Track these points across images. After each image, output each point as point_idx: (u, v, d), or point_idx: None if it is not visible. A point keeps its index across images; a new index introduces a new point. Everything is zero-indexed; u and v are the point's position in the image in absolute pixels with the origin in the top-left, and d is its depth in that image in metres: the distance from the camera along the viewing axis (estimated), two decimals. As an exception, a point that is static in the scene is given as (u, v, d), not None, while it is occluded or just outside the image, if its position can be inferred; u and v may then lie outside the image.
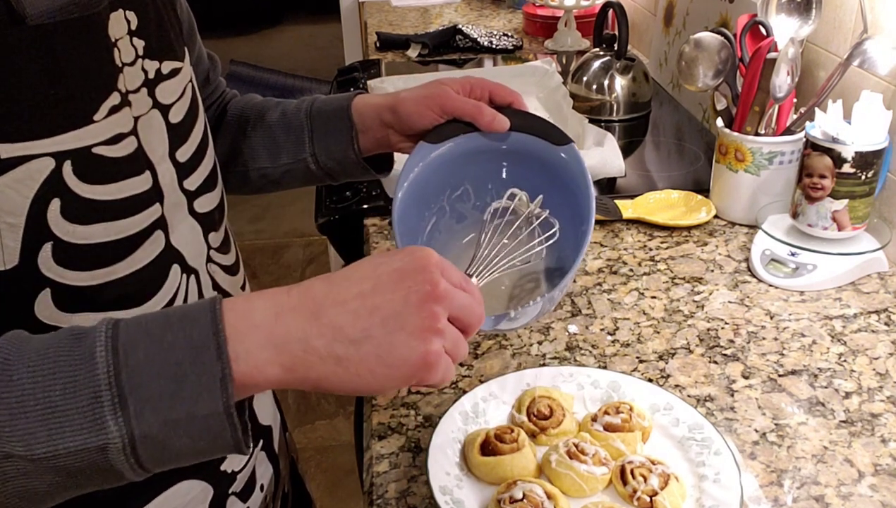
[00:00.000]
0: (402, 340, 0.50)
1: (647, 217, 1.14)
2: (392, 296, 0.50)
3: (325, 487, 2.14)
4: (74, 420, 0.44)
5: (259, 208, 3.50)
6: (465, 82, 0.80)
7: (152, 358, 0.46)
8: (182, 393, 0.45)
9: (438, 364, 0.52)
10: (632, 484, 0.67)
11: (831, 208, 0.98)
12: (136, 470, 0.47)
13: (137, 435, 0.45)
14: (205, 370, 0.46)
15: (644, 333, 0.91)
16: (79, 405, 0.44)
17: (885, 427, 0.77)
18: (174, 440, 0.46)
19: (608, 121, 1.54)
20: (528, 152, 0.79)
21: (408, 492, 0.71)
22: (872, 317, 0.93)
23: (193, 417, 0.46)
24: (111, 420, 0.44)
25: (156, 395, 0.45)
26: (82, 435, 0.44)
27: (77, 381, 0.45)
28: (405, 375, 0.51)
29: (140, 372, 0.45)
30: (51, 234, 0.52)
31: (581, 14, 2.02)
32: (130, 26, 0.59)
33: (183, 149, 0.64)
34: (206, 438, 0.47)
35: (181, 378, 0.46)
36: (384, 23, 2.30)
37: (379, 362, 0.50)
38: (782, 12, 1.09)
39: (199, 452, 0.48)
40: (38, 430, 0.44)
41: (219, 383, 0.46)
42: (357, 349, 0.49)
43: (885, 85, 1.01)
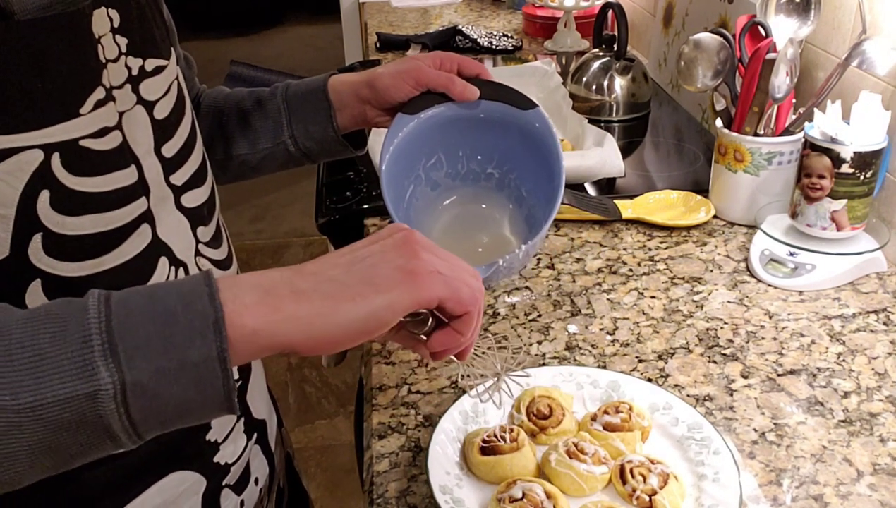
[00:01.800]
0: (383, 264, 0.51)
1: (646, 217, 1.14)
2: (369, 247, 0.53)
3: (325, 486, 2.15)
4: (63, 366, 0.43)
5: (259, 208, 3.50)
6: (435, 56, 0.85)
7: (144, 307, 0.46)
8: (174, 339, 0.45)
9: (430, 273, 0.52)
10: (631, 484, 0.67)
11: (830, 208, 0.98)
12: (124, 425, 0.45)
13: (128, 382, 0.44)
14: (197, 314, 0.46)
15: (643, 333, 0.91)
16: (68, 350, 0.43)
17: (883, 426, 0.77)
18: (165, 389, 0.45)
19: (608, 121, 1.54)
20: (497, 118, 0.84)
21: (408, 492, 0.71)
22: (871, 317, 0.93)
23: (185, 364, 0.45)
24: (102, 365, 0.44)
25: (147, 341, 0.45)
26: (72, 382, 0.43)
27: (67, 328, 0.44)
28: (394, 287, 0.51)
29: (132, 319, 0.45)
30: (41, 225, 0.53)
31: (580, 15, 2.02)
32: (113, 24, 0.60)
33: (169, 144, 0.65)
34: (197, 387, 0.46)
35: (173, 323, 0.45)
36: (384, 23, 2.30)
37: (364, 284, 0.50)
38: (781, 13, 1.09)
39: (187, 406, 0.47)
40: (25, 378, 0.43)
41: (212, 326, 0.46)
42: (341, 282, 0.50)
43: (883, 85, 1.01)
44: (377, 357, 0.89)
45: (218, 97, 0.90)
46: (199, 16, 5.65)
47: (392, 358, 0.88)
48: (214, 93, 0.91)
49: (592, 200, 1.19)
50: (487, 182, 0.88)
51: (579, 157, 1.22)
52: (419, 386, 0.84)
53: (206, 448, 0.69)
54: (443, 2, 2.52)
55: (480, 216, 0.89)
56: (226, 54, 4.00)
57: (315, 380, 2.52)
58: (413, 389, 0.83)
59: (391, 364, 0.87)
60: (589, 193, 1.24)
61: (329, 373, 2.52)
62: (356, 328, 0.50)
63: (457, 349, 0.58)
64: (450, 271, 0.54)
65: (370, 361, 0.88)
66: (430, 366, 0.86)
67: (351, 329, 0.50)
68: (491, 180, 0.88)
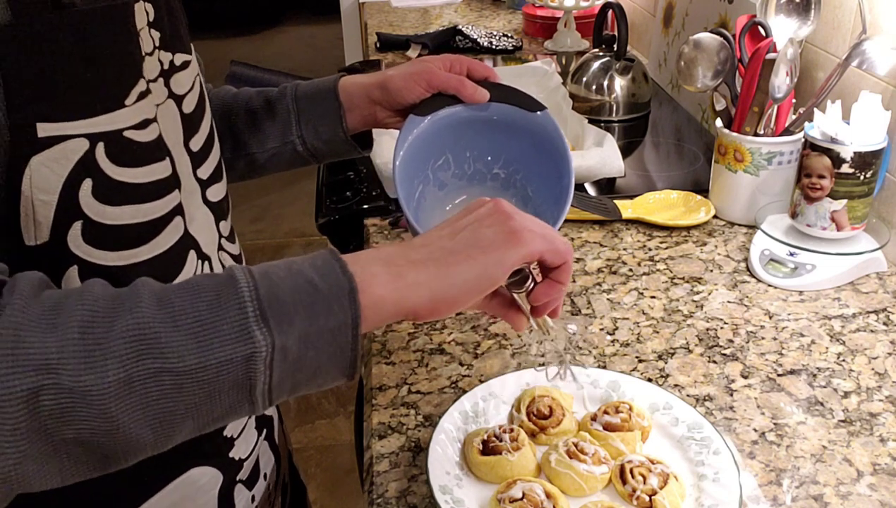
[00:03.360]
0: (486, 229, 0.57)
1: (646, 217, 1.14)
2: (466, 218, 0.58)
3: (325, 486, 2.15)
4: (223, 330, 0.47)
5: (259, 208, 3.50)
6: (445, 59, 0.86)
7: (285, 278, 0.50)
8: (316, 307, 0.49)
9: (530, 233, 0.57)
10: (631, 484, 0.67)
11: (830, 208, 0.98)
12: (264, 388, 0.49)
13: (278, 346, 0.48)
14: (334, 285, 0.50)
15: (643, 333, 0.91)
16: (226, 317, 0.47)
17: (883, 426, 0.77)
18: (304, 353, 0.49)
19: (608, 121, 1.54)
20: (507, 120, 0.85)
21: (408, 491, 0.71)
22: (871, 317, 0.93)
23: (324, 330, 0.49)
24: (257, 330, 0.47)
25: (294, 308, 0.48)
26: (231, 345, 0.47)
27: (221, 297, 0.48)
28: (500, 247, 0.56)
29: (278, 289, 0.49)
30: (81, 213, 0.54)
31: (580, 15, 2.02)
32: (149, 18, 0.61)
33: (195, 138, 0.67)
34: (331, 352, 0.50)
35: (314, 292, 0.49)
36: (384, 23, 2.30)
37: (472, 248, 0.55)
38: (781, 13, 1.09)
39: (319, 370, 0.50)
40: (189, 342, 0.46)
41: (348, 295, 0.50)
42: (450, 249, 0.56)
43: (883, 85, 1.01)
44: (377, 357, 0.89)
45: (225, 96, 0.91)
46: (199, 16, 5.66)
47: (392, 358, 0.88)
48: (221, 92, 0.92)
49: (592, 200, 1.19)
50: (493, 182, 0.89)
51: (579, 157, 1.22)
52: (419, 386, 0.84)
53: (223, 444, 0.70)
54: (443, 2, 2.52)
55: None
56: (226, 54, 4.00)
57: (315, 380, 2.52)
58: (413, 389, 0.83)
59: (391, 364, 0.87)
60: (589, 193, 1.24)
61: (329, 373, 2.52)
62: (470, 286, 0.55)
63: (559, 299, 0.63)
64: (541, 229, 0.59)
65: (370, 361, 0.89)
66: (431, 366, 0.86)
67: (466, 288, 0.55)
68: (497, 180, 0.89)
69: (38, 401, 0.43)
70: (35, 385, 0.43)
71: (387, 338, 0.92)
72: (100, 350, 0.44)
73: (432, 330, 0.93)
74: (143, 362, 0.45)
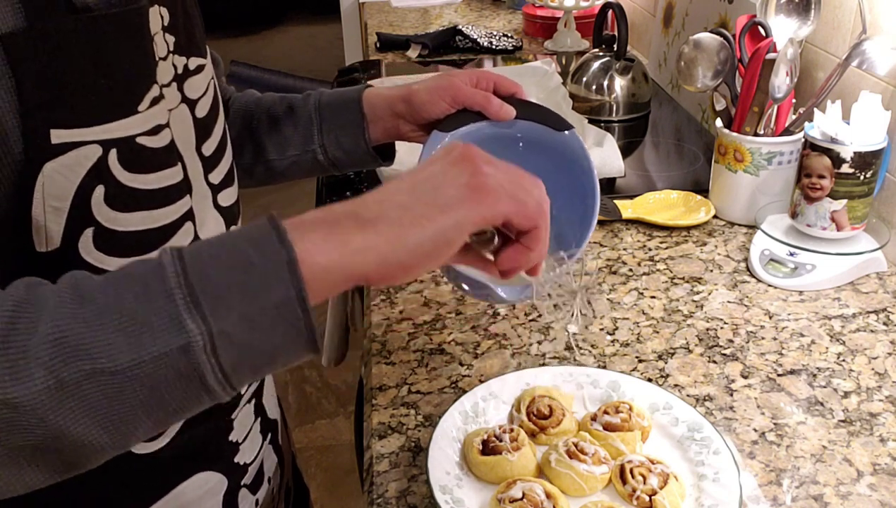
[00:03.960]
0: (447, 184, 0.51)
1: (646, 217, 1.14)
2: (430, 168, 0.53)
3: (325, 486, 2.15)
4: (153, 323, 0.44)
5: (259, 208, 3.50)
6: (472, 74, 0.84)
7: (217, 255, 0.46)
8: (252, 283, 0.45)
9: (495, 188, 0.52)
10: (631, 484, 0.67)
11: (830, 208, 0.98)
12: (217, 376, 0.46)
13: (215, 332, 0.44)
14: (270, 257, 0.46)
15: (643, 333, 0.91)
16: (154, 307, 0.44)
17: (883, 426, 0.77)
18: (250, 335, 0.46)
19: (608, 121, 1.54)
20: (532, 138, 0.83)
21: (408, 491, 0.71)
22: (871, 317, 0.93)
23: (266, 308, 0.46)
24: (188, 318, 0.44)
25: (227, 289, 0.45)
26: (163, 338, 0.44)
27: (149, 287, 0.45)
28: (460, 204, 0.51)
29: (207, 270, 0.46)
30: (93, 220, 0.54)
31: (580, 15, 2.02)
32: (164, 22, 0.61)
33: (207, 143, 0.66)
34: (281, 329, 0.46)
35: (248, 268, 0.46)
36: (384, 23, 2.30)
37: (430, 206, 0.51)
38: (781, 13, 1.09)
39: (274, 351, 0.47)
40: (118, 340, 0.43)
41: (286, 267, 0.46)
42: (406, 207, 0.50)
43: (883, 85, 1.01)
44: (377, 357, 0.89)
45: (249, 101, 0.90)
46: (199, 15, 5.65)
47: (392, 358, 0.88)
48: (245, 97, 0.91)
49: (592, 200, 1.18)
50: None
51: (579, 157, 1.22)
52: (419, 386, 0.84)
53: (228, 449, 0.70)
54: (443, 2, 2.52)
55: None
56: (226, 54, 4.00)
57: (315, 380, 2.52)
58: (413, 389, 0.83)
59: (391, 364, 0.87)
60: None
61: (329, 373, 2.52)
62: (426, 251, 0.50)
63: (527, 265, 0.58)
64: (513, 184, 0.54)
65: (370, 361, 0.89)
66: (431, 366, 0.86)
67: (421, 252, 0.50)
68: None
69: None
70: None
71: (387, 338, 0.92)
72: (24, 359, 0.42)
73: (432, 331, 0.93)
74: (71, 365, 0.42)
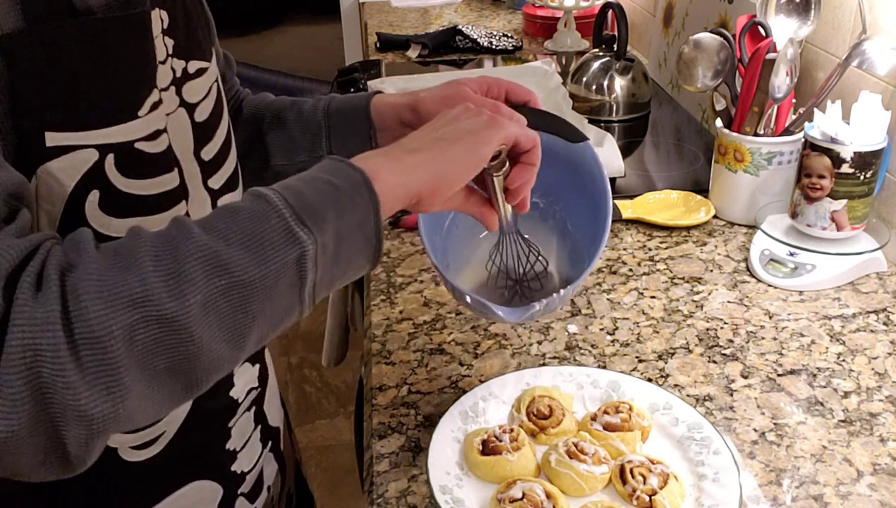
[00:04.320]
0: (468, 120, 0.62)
1: (646, 217, 1.14)
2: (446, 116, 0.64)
3: (325, 486, 2.15)
4: (272, 238, 0.49)
5: (259, 208, 3.49)
6: (483, 82, 0.82)
7: (306, 186, 0.53)
8: (341, 203, 0.53)
9: (503, 119, 0.62)
10: (631, 484, 0.67)
11: (830, 208, 0.98)
12: (311, 286, 0.52)
13: (320, 243, 0.51)
14: (350, 180, 0.54)
15: (643, 333, 0.91)
16: (270, 225, 0.49)
17: (883, 426, 0.77)
18: (340, 247, 0.52)
19: (608, 121, 1.54)
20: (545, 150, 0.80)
21: (408, 491, 0.71)
22: (871, 317, 0.93)
23: (352, 222, 0.53)
24: (301, 231, 0.50)
25: (323, 208, 0.51)
26: (283, 249, 0.49)
27: (259, 211, 0.50)
28: (486, 133, 0.61)
29: (304, 195, 0.52)
30: (86, 225, 0.53)
31: (581, 15, 2.02)
32: (163, 25, 0.60)
33: (207, 148, 0.65)
34: (361, 242, 0.54)
35: (335, 190, 0.53)
36: (384, 23, 2.30)
37: (463, 132, 0.61)
38: (781, 13, 1.09)
39: (351, 260, 0.54)
40: (246, 255, 0.48)
41: (364, 186, 0.54)
42: (442, 134, 0.61)
43: (883, 85, 1.01)
44: (377, 357, 0.89)
45: (260, 105, 0.89)
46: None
47: (392, 358, 0.88)
48: (257, 99, 0.90)
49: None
50: (532, 211, 0.83)
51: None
52: (419, 386, 0.84)
53: (225, 457, 0.69)
54: (443, 2, 2.52)
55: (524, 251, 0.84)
56: (226, 54, 3.99)
57: (315, 380, 2.52)
58: (413, 389, 0.83)
59: (391, 364, 0.87)
60: None
61: (329, 373, 2.52)
62: (465, 163, 0.60)
63: (530, 182, 0.67)
64: (511, 115, 0.65)
65: (370, 361, 0.89)
66: (431, 366, 0.86)
67: (461, 165, 0.59)
68: (536, 209, 0.83)
69: (133, 336, 0.44)
70: (129, 320, 0.44)
71: (387, 338, 0.92)
72: (175, 278, 0.46)
73: (432, 331, 0.93)
74: (213, 281, 0.47)
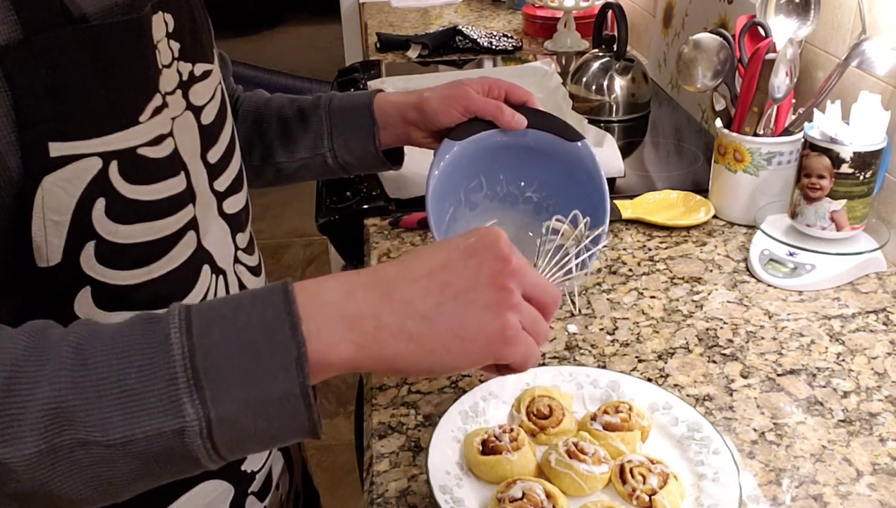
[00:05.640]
0: (475, 314, 0.50)
1: (646, 217, 1.14)
2: (463, 272, 0.50)
3: (325, 486, 2.14)
4: (151, 403, 0.43)
5: (259, 208, 3.50)
6: (484, 82, 0.84)
7: (226, 337, 0.45)
8: (257, 373, 0.45)
9: (517, 338, 0.51)
10: (631, 484, 0.67)
11: (830, 208, 0.98)
12: (211, 456, 0.46)
13: (214, 418, 0.44)
14: (279, 349, 0.45)
15: (643, 333, 0.91)
16: (155, 388, 0.44)
17: (883, 426, 0.77)
18: (249, 423, 0.45)
19: (607, 121, 1.54)
20: (543, 148, 0.84)
21: (408, 491, 0.71)
22: (871, 317, 0.93)
23: (269, 399, 0.45)
24: (188, 402, 0.44)
25: (231, 376, 0.44)
26: (159, 419, 0.43)
27: (153, 364, 0.44)
28: (481, 349, 0.50)
29: (215, 353, 0.45)
30: (94, 233, 0.53)
31: (580, 15, 2.02)
32: (168, 28, 0.60)
33: (213, 150, 0.65)
34: (282, 421, 0.46)
35: (256, 357, 0.45)
36: (384, 23, 2.30)
37: (453, 337, 0.49)
38: (781, 13, 1.09)
39: (273, 437, 0.47)
40: (114, 415, 0.43)
41: (294, 362, 0.45)
42: (430, 325, 0.49)
43: (883, 85, 1.02)
44: (377, 357, 0.89)
45: (258, 102, 0.89)
46: (200, 16, 5.65)
47: (392, 358, 0.88)
48: (254, 97, 0.90)
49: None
50: (525, 205, 0.87)
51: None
52: (419, 386, 0.84)
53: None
54: (443, 2, 2.52)
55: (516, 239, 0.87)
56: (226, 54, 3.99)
57: (315, 380, 2.52)
58: (413, 389, 0.83)
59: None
60: None
61: (329, 373, 2.52)
62: (435, 372, 0.51)
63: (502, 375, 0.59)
64: (534, 325, 0.53)
65: (370, 361, 0.89)
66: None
67: (427, 373, 0.53)
68: (529, 204, 0.87)
69: None
70: None
71: (387, 338, 0.92)
72: (17, 423, 0.42)
73: (432, 330, 0.93)
74: (64, 433, 0.42)
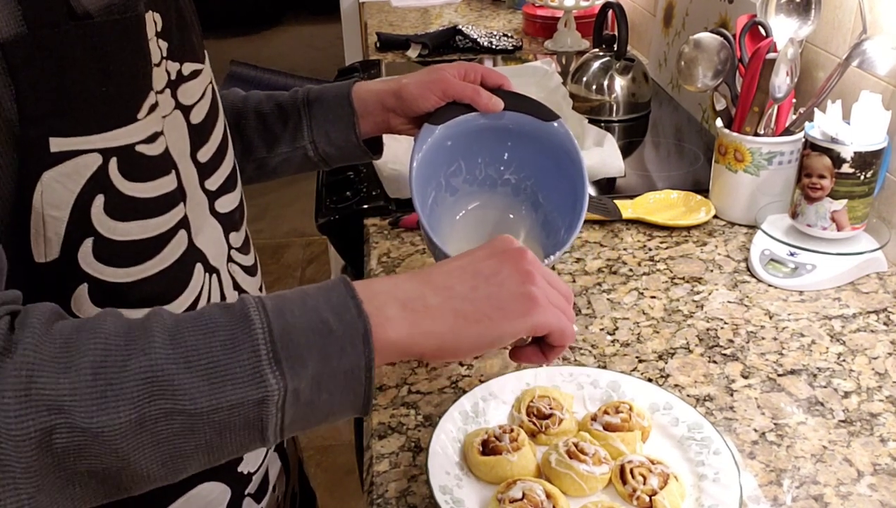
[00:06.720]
0: (508, 289, 0.57)
1: (646, 217, 1.14)
2: (489, 263, 0.58)
3: (325, 486, 2.15)
4: (236, 374, 0.46)
5: (259, 208, 3.50)
6: (460, 67, 0.86)
7: (300, 317, 0.49)
8: (330, 349, 0.49)
9: (548, 306, 0.57)
10: (631, 484, 0.67)
11: (830, 208, 0.98)
12: (276, 428, 0.49)
13: (290, 389, 0.47)
14: (348, 327, 0.50)
15: (643, 333, 0.91)
16: (239, 359, 0.47)
17: (883, 426, 0.77)
18: (317, 395, 0.49)
19: (608, 121, 1.54)
20: (520, 129, 0.86)
21: (408, 492, 0.71)
22: (871, 317, 0.93)
23: (336, 372, 0.49)
24: (270, 374, 0.47)
25: (307, 351, 0.48)
26: (244, 389, 0.46)
27: (235, 338, 0.47)
28: (520, 313, 0.56)
29: (291, 330, 0.48)
30: (92, 230, 0.53)
31: (581, 14, 2.02)
32: (157, 28, 0.60)
33: (204, 149, 0.65)
34: (343, 394, 0.50)
35: (328, 334, 0.49)
36: (384, 23, 2.30)
37: (493, 308, 0.56)
38: (781, 13, 1.09)
39: (329, 412, 0.51)
40: (202, 385, 0.46)
41: (361, 337, 0.50)
42: (470, 302, 0.55)
43: (883, 85, 1.01)
44: (377, 357, 0.88)
45: (235, 100, 0.89)
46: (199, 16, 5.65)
47: (392, 358, 0.88)
48: (231, 95, 0.90)
49: (592, 200, 1.18)
50: (504, 187, 0.89)
51: (579, 157, 1.22)
52: (419, 386, 0.84)
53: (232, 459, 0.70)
54: (443, 2, 2.52)
55: (498, 221, 0.90)
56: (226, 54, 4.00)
57: (315, 380, 2.52)
58: (413, 389, 0.83)
59: (391, 364, 0.87)
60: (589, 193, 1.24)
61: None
62: (479, 345, 0.56)
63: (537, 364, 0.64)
64: (560, 302, 0.59)
65: (370, 361, 0.88)
66: (431, 366, 0.86)
67: (475, 346, 0.56)
68: (507, 186, 0.89)
69: (51, 440, 0.43)
70: (48, 425, 0.43)
71: (387, 338, 0.91)
72: (112, 391, 0.44)
73: (432, 330, 0.93)
74: (155, 403, 0.45)
